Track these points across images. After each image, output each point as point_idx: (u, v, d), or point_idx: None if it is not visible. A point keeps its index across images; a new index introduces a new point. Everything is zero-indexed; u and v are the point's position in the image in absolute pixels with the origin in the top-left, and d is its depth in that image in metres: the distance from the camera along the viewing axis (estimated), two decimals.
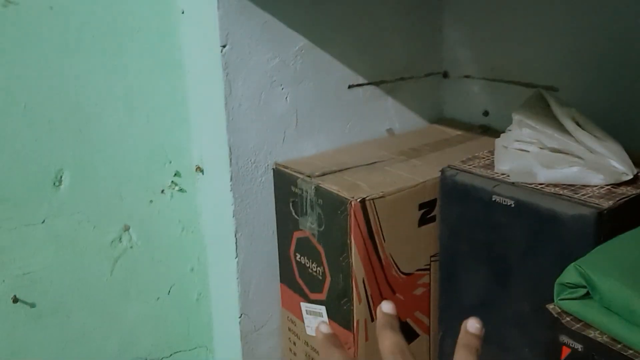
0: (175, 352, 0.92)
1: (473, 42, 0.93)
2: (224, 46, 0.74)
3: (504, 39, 0.88)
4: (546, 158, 0.63)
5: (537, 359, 0.59)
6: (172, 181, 0.86)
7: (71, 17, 0.74)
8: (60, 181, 0.77)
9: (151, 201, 0.85)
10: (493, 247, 0.63)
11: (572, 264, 0.50)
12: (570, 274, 0.50)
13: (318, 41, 0.82)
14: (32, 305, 0.79)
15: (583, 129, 0.63)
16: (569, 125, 0.63)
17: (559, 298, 0.51)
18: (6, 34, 0.70)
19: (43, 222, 0.77)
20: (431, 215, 0.74)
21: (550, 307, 0.52)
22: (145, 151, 0.83)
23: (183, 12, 0.81)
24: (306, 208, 0.75)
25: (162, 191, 0.85)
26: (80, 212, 0.80)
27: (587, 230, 0.55)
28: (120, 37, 0.78)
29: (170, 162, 0.85)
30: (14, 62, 0.72)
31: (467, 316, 0.68)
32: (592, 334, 0.49)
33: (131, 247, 0.85)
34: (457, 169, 0.68)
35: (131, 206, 0.83)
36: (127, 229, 0.84)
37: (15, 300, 0.77)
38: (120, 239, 0.84)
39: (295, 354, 0.85)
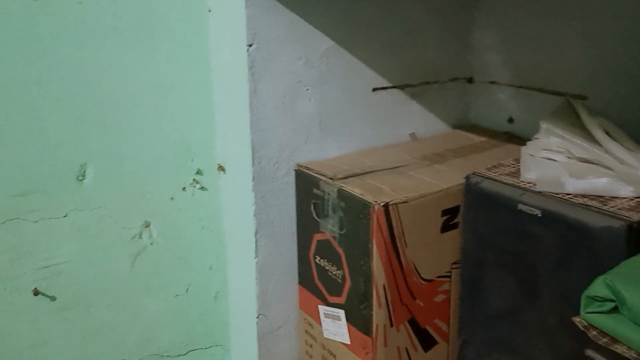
0: (191, 350, 0.92)
1: (501, 48, 0.92)
2: (250, 45, 0.74)
3: (533, 45, 0.87)
4: (575, 168, 0.62)
5: None
6: (194, 179, 0.86)
7: (101, 12, 0.74)
8: (84, 175, 0.78)
9: (172, 198, 0.85)
10: (518, 257, 0.63)
11: (601, 276, 0.49)
12: (598, 287, 0.49)
13: (345, 43, 0.82)
14: (53, 298, 0.79)
15: (613, 139, 0.62)
16: (599, 135, 0.62)
17: (586, 311, 0.50)
18: (39, 27, 0.71)
19: (66, 215, 0.78)
20: (454, 222, 0.73)
21: (576, 320, 0.51)
22: (168, 148, 0.83)
23: (210, 11, 0.81)
24: (328, 210, 0.75)
25: (184, 189, 0.86)
26: (103, 206, 0.80)
27: (617, 242, 0.54)
28: (149, 35, 0.78)
29: (193, 160, 0.85)
30: (47, 56, 0.72)
31: (489, 325, 0.68)
32: (619, 349, 0.48)
33: (151, 244, 0.85)
34: (482, 176, 0.67)
35: (153, 203, 0.84)
36: (148, 225, 0.84)
37: (36, 293, 0.78)
38: (140, 235, 0.84)
39: (311, 356, 0.85)
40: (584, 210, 0.57)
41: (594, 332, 0.50)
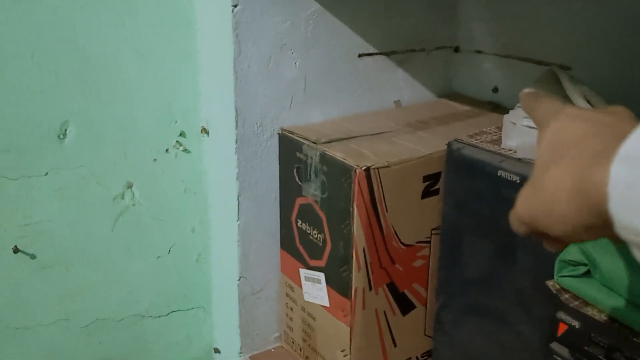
0: (173, 311, 0.93)
1: (487, 17, 0.91)
2: (235, 6, 0.73)
3: (519, 15, 0.86)
4: None
5: (534, 335, 0.59)
6: (177, 141, 0.86)
7: None
8: (65, 134, 0.77)
9: (155, 160, 0.85)
10: (497, 223, 0.63)
11: None
12: (571, 251, 0.50)
13: (330, 6, 0.81)
14: (33, 257, 0.79)
15: (594, 107, 0.62)
16: (580, 103, 0.62)
17: (559, 275, 0.52)
18: None
19: (46, 174, 0.77)
20: (435, 188, 0.74)
21: (549, 283, 0.52)
22: (151, 109, 0.82)
23: None
24: (310, 174, 0.75)
25: (167, 150, 0.85)
26: (84, 166, 0.80)
27: None
28: None
29: (176, 122, 0.85)
30: (23, 11, 0.71)
31: (466, 290, 0.69)
32: (590, 311, 0.49)
33: (133, 205, 0.85)
34: (463, 143, 0.67)
35: (135, 164, 0.83)
36: (130, 186, 0.84)
37: (16, 250, 0.78)
38: (122, 195, 0.84)
39: (291, 319, 0.86)
40: None
41: (566, 296, 0.51)
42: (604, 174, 0.29)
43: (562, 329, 0.53)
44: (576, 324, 0.51)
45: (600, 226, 0.30)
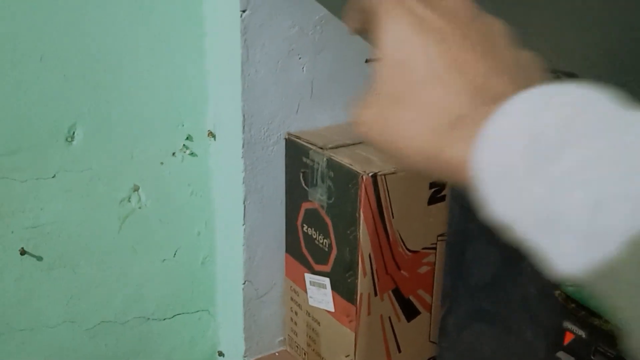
0: (177, 314, 0.93)
1: None
2: (244, 11, 0.74)
3: (524, 21, 0.86)
4: None
5: (540, 343, 0.59)
6: (184, 144, 0.86)
7: None
8: (72, 136, 0.77)
9: (162, 163, 0.85)
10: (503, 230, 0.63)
11: None
12: None
13: (338, 12, 0.81)
14: (39, 258, 0.79)
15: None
16: None
17: (566, 284, 0.51)
18: None
19: (54, 176, 0.78)
20: (441, 194, 0.74)
21: (557, 293, 0.52)
22: (159, 112, 0.83)
23: None
24: (316, 180, 0.75)
25: (174, 154, 0.85)
26: (91, 168, 0.80)
27: None
28: None
29: (183, 125, 0.85)
30: (32, 14, 0.71)
31: (471, 296, 0.69)
32: (596, 321, 0.49)
33: (140, 208, 0.85)
34: None
35: (142, 166, 0.83)
36: (136, 189, 0.84)
37: (23, 252, 0.78)
38: (129, 198, 0.84)
39: (296, 323, 0.86)
40: None
41: (573, 305, 0.51)
42: (466, 155, 0.26)
43: (568, 338, 0.53)
44: (583, 333, 0.51)
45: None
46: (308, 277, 0.80)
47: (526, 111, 0.25)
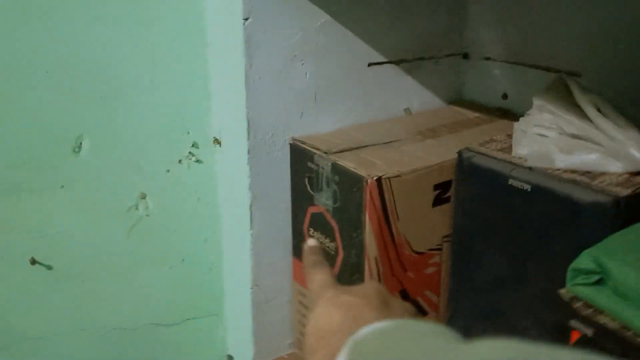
0: (186, 319, 0.94)
1: (496, 24, 0.92)
2: (246, 19, 0.74)
3: (528, 21, 0.87)
4: (565, 143, 0.63)
5: (546, 342, 0.59)
6: (190, 152, 0.87)
7: None
8: (80, 147, 0.78)
9: (168, 171, 0.86)
10: (508, 231, 0.64)
11: (587, 250, 0.51)
12: (584, 260, 0.51)
13: (340, 17, 0.82)
14: (49, 268, 0.80)
15: (605, 116, 0.63)
16: (590, 111, 0.63)
17: (571, 283, 0.52)
18: None
19: (62, 187, 0.79)
20: (446, 196, 0.74)
21: (562, 292, 0.52)
22: (164, 121, 0.83)
23: None
24: (322, 184, 0.76)
25: (180, 161, 0.86)
26: (99, 178, 0.81)
27: (604, 217, 0.55)
28: (145, 5, 0.78)
29: (189, 133, 0.86)
30: (37, 27, 0.72)
31: (477, 296, 0.69)
32: (602, 320, 0.50)
33: (147, 215, 0.86)
34: (474, 152, 0.68)
35: (148, 175, 0.84)
36: (143, 197, 0.85)
37: (33, 262, 0.79)
38: (136, 206, 0.85)
39: (304, 325, 0.87)
40: (572, 185, 0.58)
41: (579, 304, 0.51)
42: None
43: (574, 337, 0.53)
44: (589, 332, 0.51)
45: None
46: None
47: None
